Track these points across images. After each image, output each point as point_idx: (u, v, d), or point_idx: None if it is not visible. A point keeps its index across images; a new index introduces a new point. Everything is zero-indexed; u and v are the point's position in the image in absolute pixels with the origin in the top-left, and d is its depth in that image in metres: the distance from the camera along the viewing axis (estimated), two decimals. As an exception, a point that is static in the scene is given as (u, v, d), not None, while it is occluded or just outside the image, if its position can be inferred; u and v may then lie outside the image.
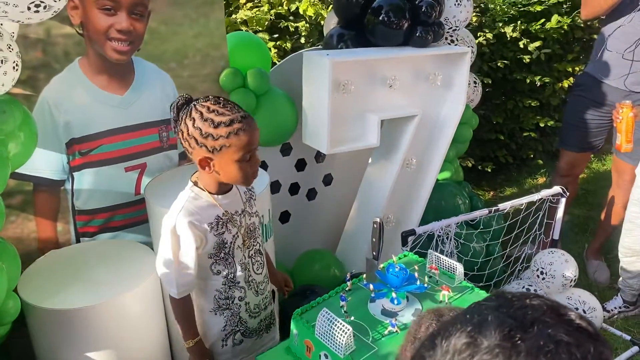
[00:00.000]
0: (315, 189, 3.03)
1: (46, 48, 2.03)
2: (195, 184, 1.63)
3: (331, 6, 3.25)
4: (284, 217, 2.94)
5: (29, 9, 1.52)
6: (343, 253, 2.88)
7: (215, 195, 1.62)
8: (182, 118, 1.51)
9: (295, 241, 2.91)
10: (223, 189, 1.64)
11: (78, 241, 2.27)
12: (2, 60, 1.50)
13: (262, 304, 1.83)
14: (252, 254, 1.75)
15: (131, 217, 2.34)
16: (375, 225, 1.78)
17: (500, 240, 3.05)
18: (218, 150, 1.49)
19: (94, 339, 1.90)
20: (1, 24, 1.59)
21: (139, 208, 2.32)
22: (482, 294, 1.80)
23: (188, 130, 1.49)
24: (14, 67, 1.56)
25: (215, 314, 1.73)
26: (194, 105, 1.51)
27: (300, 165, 2.92)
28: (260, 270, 1.80)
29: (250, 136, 1.52)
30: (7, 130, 1.54)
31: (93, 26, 2.09)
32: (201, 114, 1.48)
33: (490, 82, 4.08)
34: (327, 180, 3.07)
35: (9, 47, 1.54)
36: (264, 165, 2.68)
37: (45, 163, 2.11)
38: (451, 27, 2.84)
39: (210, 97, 1.53)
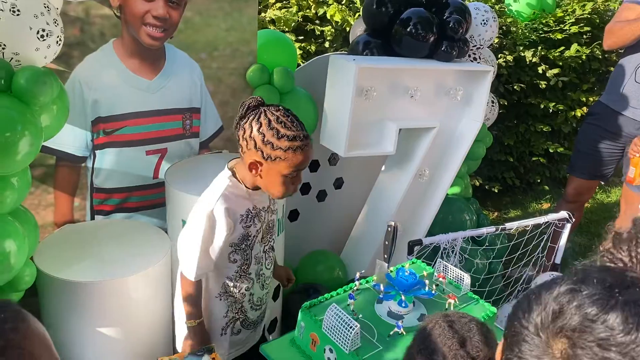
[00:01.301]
0: (326, 191, 3.07)
1: (84, 27, 2.08)
2: (234, 174, 1.67)
3: (358, 13, 3.31)
4: (293, 215, 2.98)
5: (77, -14, 1.57)
6: (348, 256, 2.91)
7: (250, 190, 1.68)
8: (248, 118, 1.56)
9: (301, 240, 2.94)
10: (256, 185, 1.69)
11: (92, 218, 2.31)
12: (47, 34, 1.55)
13: (264, 298, 1.88)
14: (267, 249, 1.81)
15: (147, 199, 2.38)
16: (389, 229, 1.82)
17: (503, 259, 3.09)
18: (272, 159, 1.55)
19: (100, 314, 1.94)
20: (48, -1, 1.64)
21: (155, 192, 2.36)
22: (487, 306, 1.84)
23: (251, 132, 1.54)
24: (57, 42, 1.61)
25: (220, 299, 1.78)
26: (264, 110, 1.56)
27: (314, 166, 2.96)
28: (270, 266, 1.86)
29: (304, 157, 1.58)
30: (44, 101, 1.59)
31: (130, 10, 2.14)
32: (269, 121, 1.53)
33: (505, 103, 4.13)
34: (338, 183, 3.11)
35: (55, 22, 1.59)
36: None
37: (70, 138, 2.16)
38: (475, 45, 2.89)
39: (280, 107, 1.58)
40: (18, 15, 1.49)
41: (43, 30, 1.54)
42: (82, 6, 2.04)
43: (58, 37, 1.61)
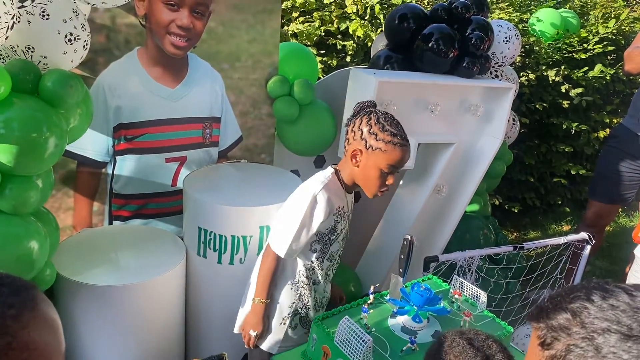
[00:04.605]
0: (343, 205, 3.06)
1: (109, 34, 2.12)
2: (336, 172, 1.83)
3: (380, 29, 3.33)
4: (309, 228, 2.97)
5: (105, -7, 1.61)
6: (363, 270, 2.89)
7: (345, 191, 1.84)
8: (361, 115, 1.78)
9: (317, 253, 2.93)
10: (351, 189, 1.86)
11: (111, 223, 2.33)
12: (75, 38, 1.58)
13: (324, 301, 2.00)
14: (340, 254, 1.95)
15: (165, 206, 2.39)
16: (405, 242, 1.81)
17: (521, 279, 3.04)
18: (373, 149, 1.73)
19: (114, 318, 1.95)
20: (76, 4, 1.67)
21: (173, 199, 2.37)
22: (503, 324, 1.80)
23: (360, 124, 1.76)
24: (83, 46, 1.64)
25: (292, 288, 1.88)
26: (376, 111, 1.79)
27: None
28: (335, 272, 2.00)
29: (401, 155, 1.76)
30: (69, 104, 1.62)
31: (156, 19, 2.17)
32: (378, 118, 1.75)
33: (526, 122, 4.10)
34: (356, 197, 3.09)
35: (82, 27, 1.62)
36: (296, 174, 2.73)
37: (91, 143, 2.18)
38: (497, 62, 2.88)
39: (389, 113, 1.80)
40: (47, 19, 1.52)
41: (71, 34, 1.57)
42: (108, 14, 2.08)
43: (85, 41, 1.64)
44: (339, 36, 3.43)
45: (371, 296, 1.83)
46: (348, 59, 3.41)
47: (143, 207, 2.37)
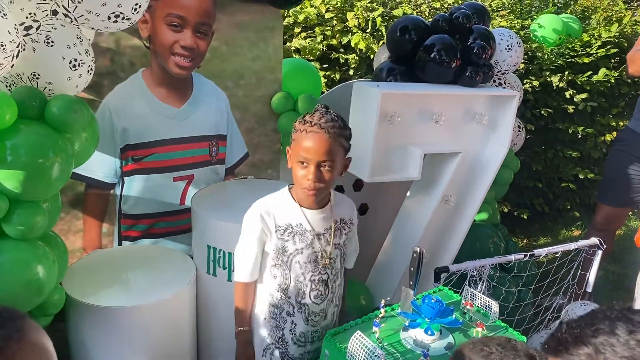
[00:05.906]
0: (351, 218, 3.05)
1: (114, 57, 2.15)
2: (290, 189, 1.76)
3: (382, 41, 3.34)
4: (318, 242, 2.96)
5: (109, 18, 1.63)
6: (373, 283, 2.88)
7: (302, 208, 1.72)
8: None
9: (326, 267, 2.92)
10: (315, 205, 1.72)
11: (120, 244, 2.34)
12: (79, 63, 1.60)
13: (309, 335, 1.83)
14: (313, 279, 1.77)
15: (174, 225, 2.41)
16: (414, 255, 1.80)
17: (533, 287, 3.01)
18: (294, 141, 1.66)
19: (126, 339, 1.95)
20: (80, 30, 1.69)
21: (182, 217, 2.38)
22: (516, 334, 1.79)
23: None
24: (88, 71, 1.66)
25: (265, 318, 1.82)
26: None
27: (338, 191, 2.95)
28: (319, 302, 1.81)
29: (307, 141, 1.60)
30: (75, 129, 1.63)
31: (159, 40, 2.20)
32: (308, 112, 1.69)
33: (532, 129, 4.09)
34: (362, 209, 3.10)
35: (87, 52, 1.64)
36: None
37: (99, 165, 2.20)
38: (500, 71, 2.88)
39: (327, 107, 1.70)
40: (52, 46, 1.55)
41: (75, 60, 1.59)
42: (112, 37, 2.11)
43: (89, 66, 1.66)
44: (342, 50, 3.45)
45: (382, 310, 1.82)
46: (351, 72, 3.42)
47: (152, 227, 2.38)
